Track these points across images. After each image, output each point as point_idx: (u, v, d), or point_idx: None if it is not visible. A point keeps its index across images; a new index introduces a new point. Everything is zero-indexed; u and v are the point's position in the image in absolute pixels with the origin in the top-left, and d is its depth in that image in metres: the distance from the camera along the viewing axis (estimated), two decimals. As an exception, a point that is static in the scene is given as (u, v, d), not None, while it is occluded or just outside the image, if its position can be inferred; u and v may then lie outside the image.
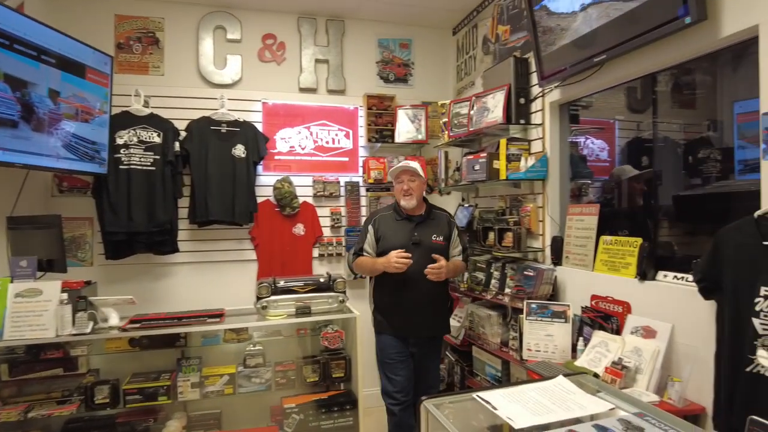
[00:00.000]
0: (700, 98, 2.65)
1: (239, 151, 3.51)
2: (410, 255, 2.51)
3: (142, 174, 3.25)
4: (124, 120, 3.25)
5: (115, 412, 2.53)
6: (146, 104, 3.37)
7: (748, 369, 1.55)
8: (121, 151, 3.21)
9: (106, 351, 2.54)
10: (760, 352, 1.52)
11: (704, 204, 2.42)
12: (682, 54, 2.04)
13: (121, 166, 3.20)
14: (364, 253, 2.71)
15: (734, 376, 1.60)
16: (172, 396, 2.56)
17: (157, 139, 3.30)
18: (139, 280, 3.45)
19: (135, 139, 3.25)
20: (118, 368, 2.60)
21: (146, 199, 3.24)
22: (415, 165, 2.66)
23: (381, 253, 2.62)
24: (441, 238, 2.66)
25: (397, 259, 2.48)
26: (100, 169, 3.00)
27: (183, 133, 3.44)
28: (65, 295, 2.33)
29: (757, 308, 1.53)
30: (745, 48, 1.96)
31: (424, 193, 2.88)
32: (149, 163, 3.27)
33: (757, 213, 1.59)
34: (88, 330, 2.36)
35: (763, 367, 1.52)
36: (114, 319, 2.53)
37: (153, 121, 3.33)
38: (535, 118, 3.00)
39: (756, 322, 1.53)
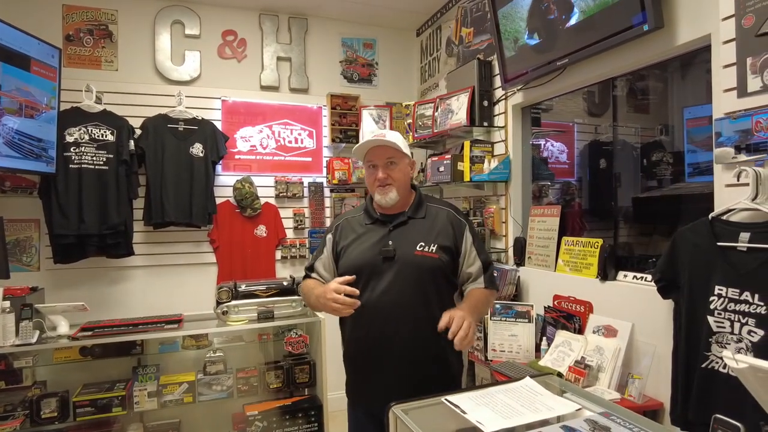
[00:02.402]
0: (654, 104, 2.76)
1: (197, 150, 3.39)
2: (357, 292, 1.56)
3: (94, 173, 3.09)
4: (74, 116, 3.08)
5: (64, 426, 2.38)
6: (99, 100, 3.21)
7: (703, 365, 1.61)
8: (72, 149, 3.04)
9: (55, 361, 2.39)
10: (715, 348, 1.58)
11: (660, 205, 2.50)
12: (641, 59, 2.10)
13: (71, 165, 3.04)
14: (314, 275, 1.83)
15: (690, 372, 1.66)
16: (128, 407, 2.44)
17: (111, 137, 3.15)
18: (91, 285, 3.29)
19: (86, 137, 3.08)
20: (67, 379, 2.45)
21: (99, 200, 3.08)
22: (392, 138, 1.72)
23: (343, 274, 1.67)
24: (432, 248, 1.65)
25: (333, 295, 1.53)
26: (48, 168, 2.83)
27: (138, 131, 3.29)
28: (7, 303, 2.18)
29: (712, 306, 1.59)
30: (693, 57, 2.04)
31: (414, 179, 1.88)
32: (102, 162, 3.11)
33: (711, 214, 1.65)
34: (34, 340, 2.21)
35: (717, 363, 1.58)
36: (63, 328, 2.38)
37: (106, 118, 3.17)
38: (498, 121, 3.04)
39: (710, 319, 1.59)
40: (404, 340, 1.63)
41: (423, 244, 1.67)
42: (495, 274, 1.80)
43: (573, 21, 2.24)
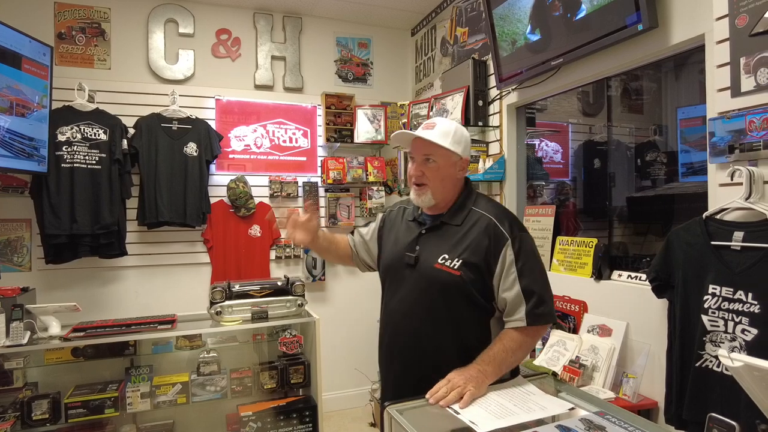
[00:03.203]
0: (647, 104, 2.76)
1: (191, 149, 3.37)
2: (310, 216, 1.58)
3: (87, 173, 3.06)
4: (66, 115, 3.05)
5: (55, 428, 2.36)
6: (91, 99, 3.18)
7: (697, 364, 1.61)
8: (64, 148, 3.01)
9: (46, 363, 2.37)
10: (709, 347, 1.58)
11: (654, 205, 2.51)
12: (635, 59, 2.11)
13: (63, 165, 3.01)
14: (349, 237, 1.82)
15: (685, 371, 1.66)
16: (120, 408, 2.42)
17: (103, 137, 3.12)
18: (83, 285, 3.26)
19: (79, 136, 3.06)
20: (59, 381, 2.43)
21: (91, 199, 3.06)
22: (436, 131, 1.48)
23: (381, 269, 1.67)
24: (455, 263, 1.44)
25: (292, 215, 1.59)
26: (40, 168, 2.80)
27: (131, 131, 3.27)
28: (-2, 304, 2.17)
29: (706, 305, 1.59)
30: (686, 57, 2.05)
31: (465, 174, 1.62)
32: (94, 162, 3.09)
33: (705, 214, 1.65)
34: (25, 341, 2.19)
35: (711, 362, 1.58)
36: (55, 328, 2.36)
37: (99, 117, 3.15)
38: (493, 120, 3.04)
39: (705, 318, 1.59)
40: (408, 353, 1.52)
41: (446, 256, 1.46)
42: (542, 302, 1.41)
43: (572, 20, 2.25)
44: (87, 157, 3.07)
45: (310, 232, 1.63)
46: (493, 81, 2.96)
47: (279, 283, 2.75)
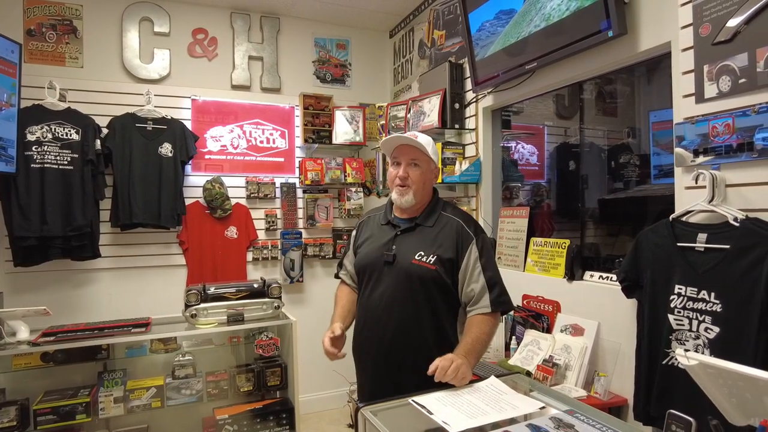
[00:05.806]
0: (621, 107, 2.83)
1: (166, 149, 3.32)
2: (335, 352, 1.66)
3: (58, 174, 2.99)
4: (36, 114, 2.97)
5: (24, 435, 2.32)
6: (63, 98, 3.11)
7: (664, 362, 1.66)
8: (33, 148, 2.94)
9: (14, 368, 2.32)
10: (675, 345, 1.63)
11: (626, 206, 2.57)
12: (606, 64, 2.16)
13: (33, 165, 2.93)
14: (343, 272, 1.92)
15: (652, 369, 1.71)
16: (93, 413, 2.38)
17: (76, 137, 3.06)
18: (54, 288, 3.18)
19: (49, 136, 2.99)
20: (28, 387, 2.38)
21: (63, 200, 2.98)
22: (423, 141, 1.68)
23: (358, 269, 1.81)
24: (431, 259, 1.62)
25: (325, 342, 1.66)
26: (7, 168, 2.72)
27: (105, 130, 3.21)
28: (-36, 308, 2.11)
29: (672, 305, 1.64)
30: (658, 62, 2.11)
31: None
32: (66, 162, 3.02)
33: (671, 216, 1.70)
34: (-8, 346, 2.14)
35: (676, 359, 1.63)
36: (23, 333, 2.31)
37: (70, 116, 3.08)
38: (469, 123, 3.07)
39: (671, 318, 1.64)
40: (388, 344, 1.66)
41: (422, 253, 1.64)
42: (503, 293, 1.65)
43: (542, 25, 2.29)
44: (58, 158, 3.00)
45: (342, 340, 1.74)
46: (469, 84, 2.99)
47: (255, 286, 2.73)
